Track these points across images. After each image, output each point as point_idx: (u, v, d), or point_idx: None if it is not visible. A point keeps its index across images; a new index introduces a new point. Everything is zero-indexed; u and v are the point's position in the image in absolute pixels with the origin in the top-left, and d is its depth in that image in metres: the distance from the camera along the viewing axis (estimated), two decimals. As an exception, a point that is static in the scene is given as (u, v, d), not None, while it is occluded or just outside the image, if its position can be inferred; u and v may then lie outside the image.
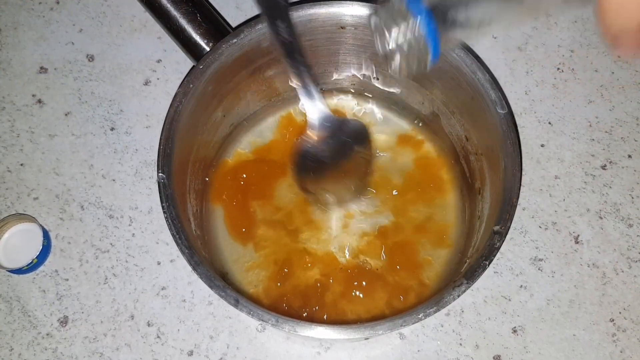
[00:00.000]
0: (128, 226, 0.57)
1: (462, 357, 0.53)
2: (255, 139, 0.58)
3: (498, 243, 0.42)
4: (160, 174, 0.44)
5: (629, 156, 0.60)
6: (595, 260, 0.56)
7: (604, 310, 0.54)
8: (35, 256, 0.54)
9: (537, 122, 0.61)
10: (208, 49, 0.48)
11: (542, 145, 0.60)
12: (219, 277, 0.42)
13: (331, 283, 0.52)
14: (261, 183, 0.55)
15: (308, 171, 0.52)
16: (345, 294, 0.52)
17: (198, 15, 0.49)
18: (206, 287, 0.41)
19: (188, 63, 0.50)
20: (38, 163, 0.59)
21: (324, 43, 0.52)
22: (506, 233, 0.43)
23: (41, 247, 0.54)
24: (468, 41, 0.46)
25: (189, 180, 0.50)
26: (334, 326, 0.40)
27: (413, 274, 0.52)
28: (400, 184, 0.56)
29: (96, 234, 0.56)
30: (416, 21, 0.35)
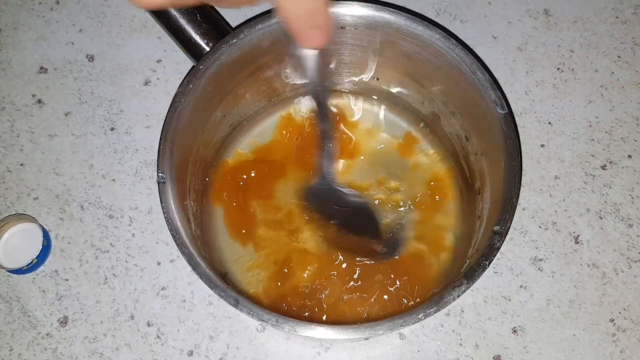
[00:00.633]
0: (128, 226, 0.57)
1: (462, 357, 0.53)
2: (255, 139, 0.58)
3: (498, 243, 0.42)
4: (160, 174, 0.44)
5: (629, 156, 0.60)
6: (595, 260, 0.56)
7: (604, 310, 0.54)
8: (35, 256, 0.54)
9: (537, 122, 0.61)
10: (208, 49, 0.48)
11: (542, 145, 0.60)
12: (219, 277, 0.42)
13: (331, 283, 0.52)
14: (261, 183, 0.55)
15: (319, 203, 0.52)
16: (345, 294, 0.52)
17: (198, 15, 0.49)
18: (206, 287, 0.41)
19: (188, 63, 0.50)
20: (38, 163, 0.59)
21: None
22: (506, 233, 0.43)
23: (41, 247, 0.54)
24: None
25: (189, 180, 0.50)
26: (334, 326, 0.40)
27: (413, 274, 0.52)
28: (400, 184, 0.56)
29: (96, 234, 0.56)
30: None
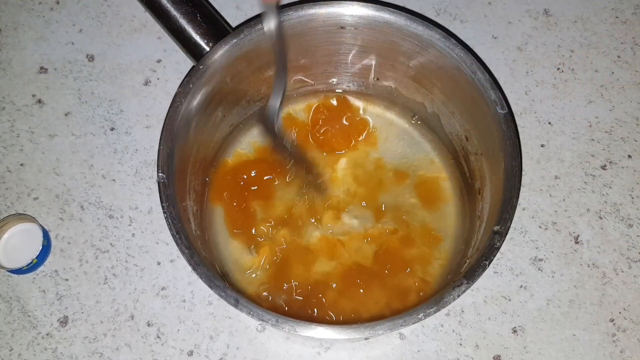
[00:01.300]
0: (128, 226, 0.57)
1: (462, 357, 0.53)
2: (255, 139, 0.58)
3: (498, 243, 0.42)
4: (160, 174, 0.44)
5: (629, 156, 0.60)
6: (595, 260, 0.56)
7: (604, 310, 0.54)
8: (35, 256, 0.54)
9: (537, 122, 0.61)
10: (208, 49, 0.48)
11: (542, 145, 0.60)
12: (219, 277, 0.42)
13: (331, 282, 0.52)
14: (261, 183, 0.55)
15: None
16: (345, 294, 0.52)
17: (198, 15, 0.49)
18: (206, 287, 0.41)
19: (188, 63, 0.50)
20: (38, 163, 0.59)
21: (324, 43, 0.52)
22: (506, 233, 0.43)
23: (41, 247, 0.54)
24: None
25: (189, 180, 0.50)
26: (334, 326, 0.40)
27: (413, 273, 0.52)
28: (400, 184, 0.56)
29: (96, 234, 0.56)
30: None
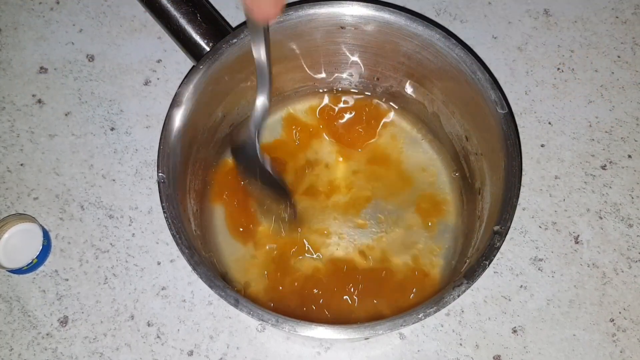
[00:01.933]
0: (128, 226, 0.57)
1: (462, 357, 0.53)
2: (255, 139, 0.58)
3: (498, 243, 0.42)
4: (160, 174, 0.44)
5: (629, 156, 0.60)
6: (595, 260, 0.56)
7: (604, 310, 0.54)
8: (35, 256, 0.54)
9: (537, 122, 0.61)
10: (208, 49, 0.48)
11: (542, 145, 0.60)
12: (219, 277, 0.42)
13: (331, 282, 0.52)
14: (261, 183, 0.55)
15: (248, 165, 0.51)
16: (345, 294, 0.52)
17: (198, 15, 0.49)
18: (206, 287, 0.41)
19: (188, 63, 0.50)
20: (38, 163, 0.59)
21: (324, 43, 0.52)
22: (506, 233, 0.43)
23: (41, 247, 0.54)
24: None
25: (189, 180, 0.50)
26: (334, 326, 0.40)
27: (413, 273, 0.52)
28: (400, 185, 0.56)
29: (96, 234, 0.56)
30: None
